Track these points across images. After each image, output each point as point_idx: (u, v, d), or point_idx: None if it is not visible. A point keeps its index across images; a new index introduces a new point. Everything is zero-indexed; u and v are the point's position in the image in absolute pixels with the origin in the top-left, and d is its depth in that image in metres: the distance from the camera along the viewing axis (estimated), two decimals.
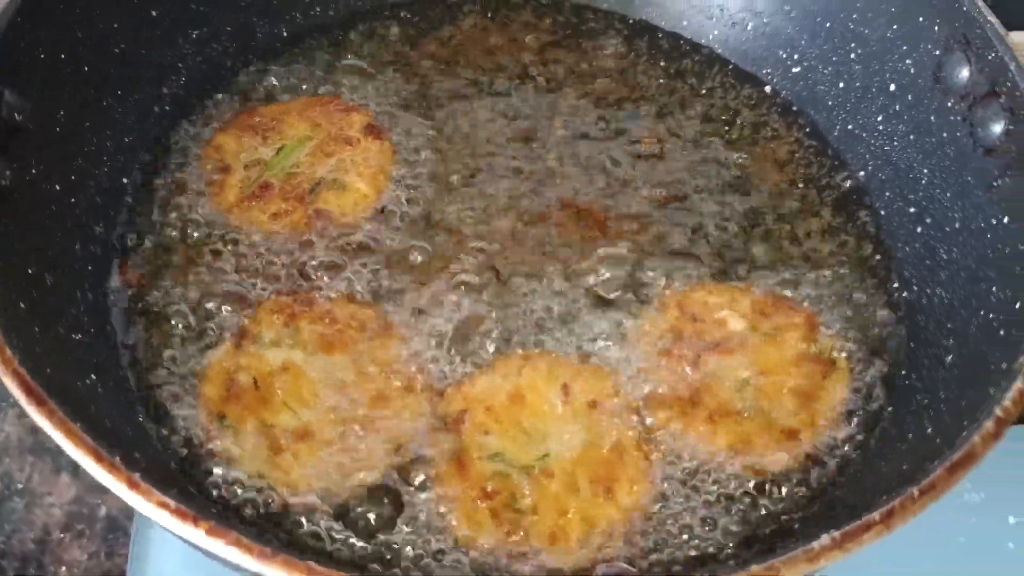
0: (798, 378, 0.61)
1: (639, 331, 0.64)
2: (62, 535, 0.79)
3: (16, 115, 0.56)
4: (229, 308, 0.64)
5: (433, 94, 0.78)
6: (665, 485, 0.57)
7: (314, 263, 0.67)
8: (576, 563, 0.52)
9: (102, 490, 0.81)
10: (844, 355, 0.63)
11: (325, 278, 0.66)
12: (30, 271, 0.54)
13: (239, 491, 0.56)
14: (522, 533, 0.53)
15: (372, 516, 0.55)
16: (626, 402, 0.60)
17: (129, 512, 0.80)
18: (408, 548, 0.53)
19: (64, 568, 0.78)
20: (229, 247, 0.67)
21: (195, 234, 0.68)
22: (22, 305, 0.50)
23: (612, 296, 0.66)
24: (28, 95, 0.58)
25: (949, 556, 0.69)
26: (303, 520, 0.55)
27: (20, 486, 0.81)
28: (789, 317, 0.64)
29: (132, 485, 0.39)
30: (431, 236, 0.69)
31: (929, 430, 0.53)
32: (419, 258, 0.67)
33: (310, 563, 0.38)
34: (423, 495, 0.56)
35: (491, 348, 0.62)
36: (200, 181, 0.71)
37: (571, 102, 0.78)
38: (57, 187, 0.59)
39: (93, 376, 0.52)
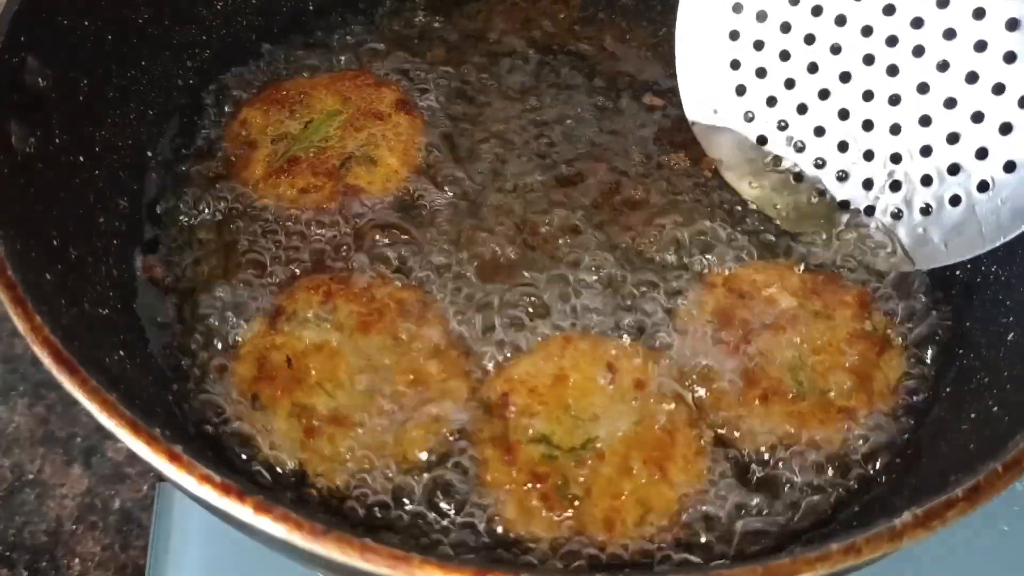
0: (852, 356, 0.59)
1: (686, 310, 0.61)
2: (75, 527, 0.77)
3: (40, 81, 0.54)
4: (261, 285, 0.61)
5: (463, 67, 0.76)
6: (719, 465, 0.55)
7: (347, 239, 0.64)
8: (634, 547, 0.50)
9: (116, 481, 0.81)
10: (899, 335, 0.61)
11: (358, 255, 0.63)
12: (55, 243, 0.52)
13: (268, 473, 0.54)
14: (573, 517, 0.51)
15: (414, 500, 0.52)
16: (674, 381, 0.57)
17: (144, 504, 0.79)
18: (453, 534, 0.51)
19: (77, 560, 0.77)
20: (258, 223, 0.65)
21: (222, 210, 0.66)
22: (48, 277, 0.48)
23: (658, 274, 0.63)
24: (50, 63, 0.56)
25: (992, 544, 0.68)
26: (339, 503, 0.52)
27: (31, 477, 0.79)
28: (840, 294, 0.62)
29: (173, 458, 0.37)
30: (467, 211, 0.66)
31: (995, 408, 0.51)
32: (455, 234, 0.65)
33: (365, 540, 0.35)
34: (466, 478, 0.53)
35: (534, 327, 0.60)
36: (226, 156, 0.69)
37: (605, 77, 0.76)
38: (81, 158, 0.57)
39: (121, 352, 0.50)
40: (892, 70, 0.64)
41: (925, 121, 0.64)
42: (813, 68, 0.67)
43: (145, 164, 0.65)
